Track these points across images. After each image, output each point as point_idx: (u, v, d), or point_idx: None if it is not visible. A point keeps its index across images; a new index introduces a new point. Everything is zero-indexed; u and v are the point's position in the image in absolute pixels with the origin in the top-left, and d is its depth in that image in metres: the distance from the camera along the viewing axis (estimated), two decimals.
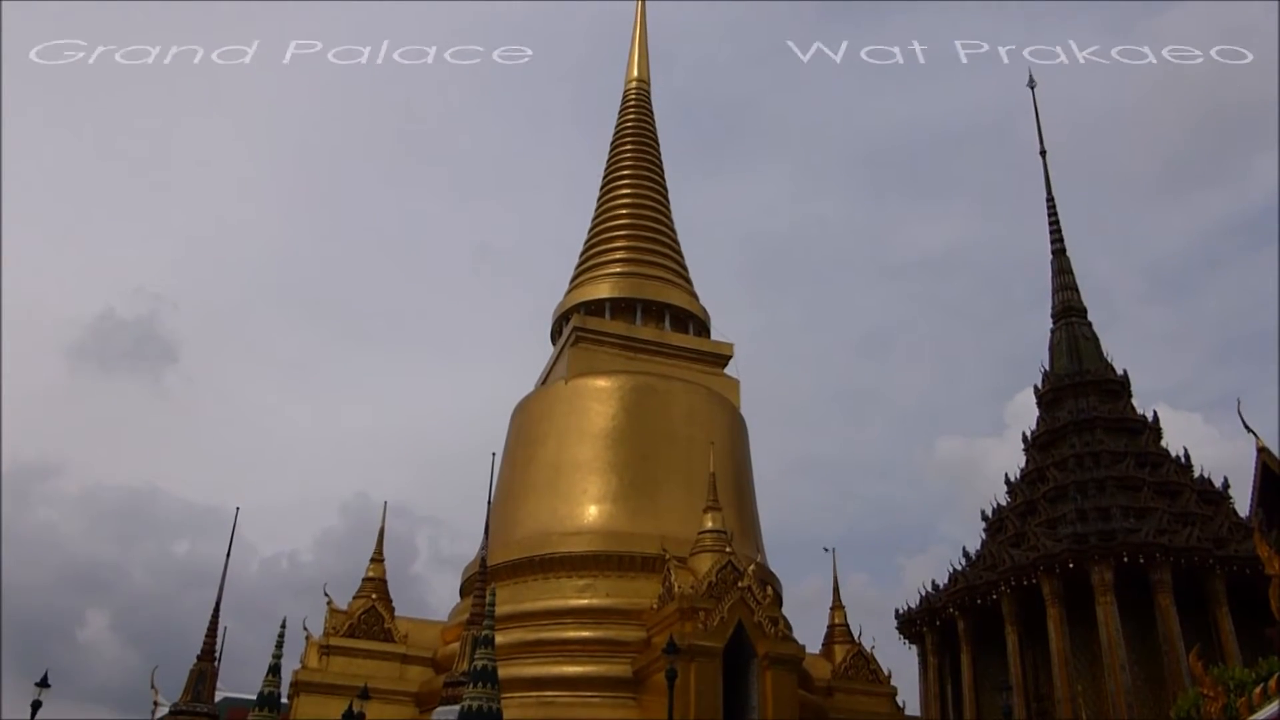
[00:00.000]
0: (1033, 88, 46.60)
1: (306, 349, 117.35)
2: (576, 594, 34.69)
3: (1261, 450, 29.48)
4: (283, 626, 17.28)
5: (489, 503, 31.64)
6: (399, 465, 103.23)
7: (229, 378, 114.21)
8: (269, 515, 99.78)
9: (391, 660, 35.80)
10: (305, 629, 36.51)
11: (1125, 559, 32.16)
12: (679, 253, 47.15)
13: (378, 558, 38.84)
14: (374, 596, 37.31)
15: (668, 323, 44.52)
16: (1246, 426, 20.58)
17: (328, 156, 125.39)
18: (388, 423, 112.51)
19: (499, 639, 22.22)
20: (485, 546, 30.85)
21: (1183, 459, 37.29)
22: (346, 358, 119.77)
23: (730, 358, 44.70)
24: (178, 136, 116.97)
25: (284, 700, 27.06)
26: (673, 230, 47.62)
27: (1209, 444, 78.45)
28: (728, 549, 32.82)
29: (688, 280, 46.58)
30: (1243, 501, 35.79)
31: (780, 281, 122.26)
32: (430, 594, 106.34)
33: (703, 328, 45.63)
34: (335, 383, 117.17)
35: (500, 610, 28.64)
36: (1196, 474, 36.85)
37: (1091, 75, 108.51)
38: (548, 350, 47.28)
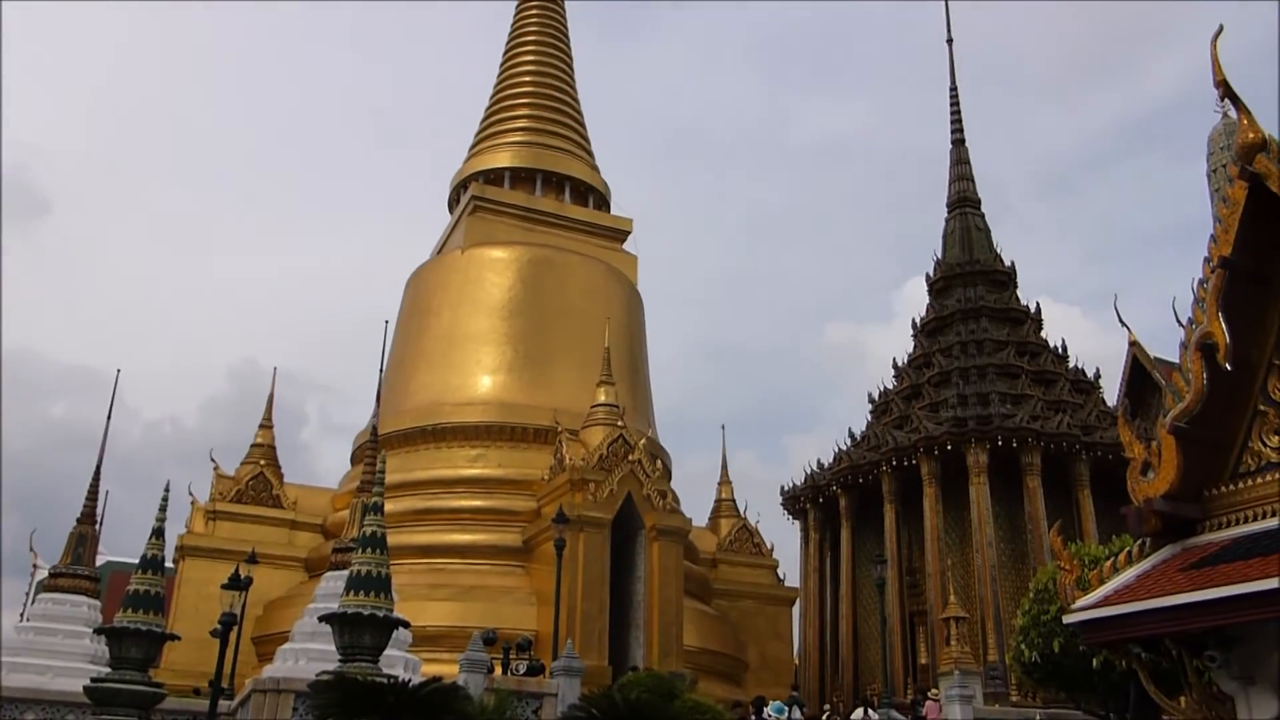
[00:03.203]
0: None
1: (194, 208, 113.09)
2: (468, 463, 34.85)
3: (1133, 344, 30.92)
4: (166, 490, 16.85)
5: (381, 371, 31.25)
6: (290, 331, 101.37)
7: (107, 235, 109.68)
8: (152, 379, 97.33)
9: (280, 526, 35.71)
10: (191, 494, 36.07)
11: (1000, 442, 33.59)
12: (582, 124, 46.21)
13: (266, 424, 38.31)
14: (262, 463, 36.95)
15: (568, 195, 43.90)
16: (1121, 321, 21.33)
17: (220, 6, 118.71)
18: (279, 287, 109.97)
19: (390, 507, 22.23)
20: (377, 415, 30.55)
21: (1060, 350, 38.79)
22: (237, 219, 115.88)
23: (629, 233, 44.47)
24: None
25: (169, 565, 26.75)
26: (576, 100, 46.55)
27: (1086, 337, 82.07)
28: (620, 423, 33.22)
29: (589, 152, 45.80)
30: (1112, 391, 37.66)
31: (680, 162, 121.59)
32: (320, 461, 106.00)
33: (603, 201, 45.14)
34: (224, 244, 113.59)
35: (391, 478, 28.58)
36: (1072, 364, 38.41)
37: None
38: (445, 218, 46.33)
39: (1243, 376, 11.46)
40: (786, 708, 25.28)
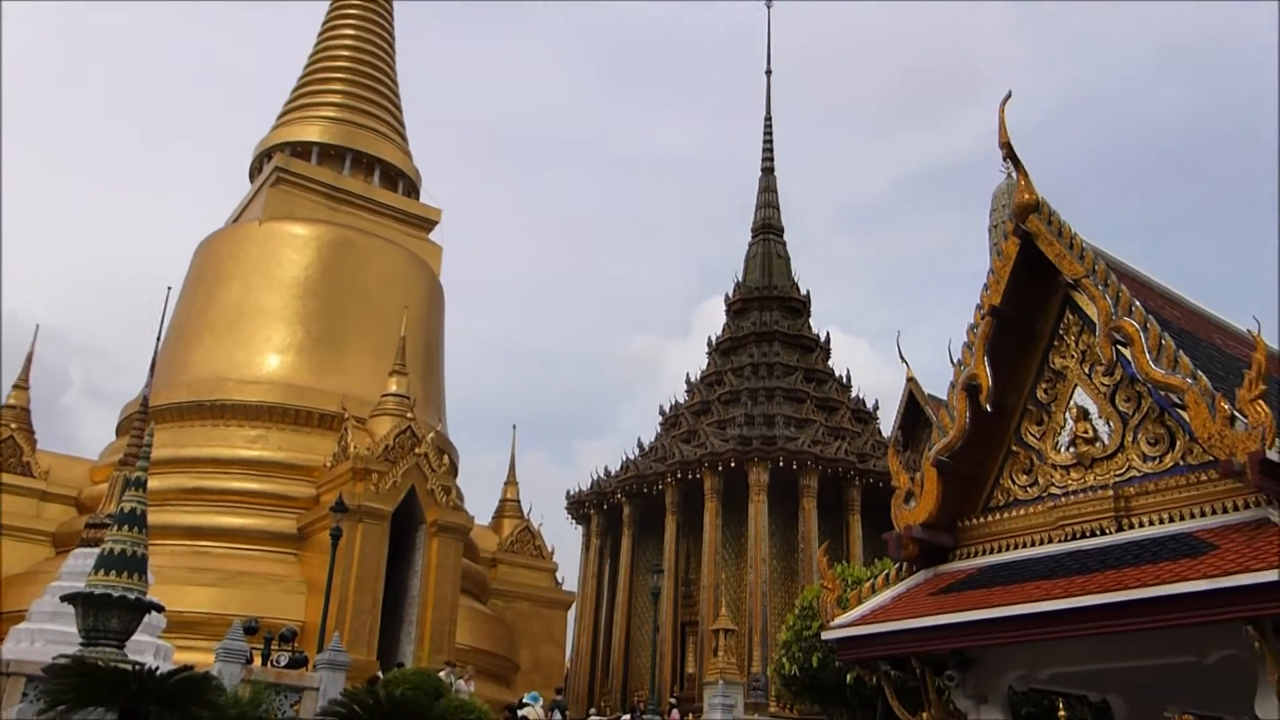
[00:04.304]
0: (769, 6, 47.83)
1: None
2: (246, 444, 33.39)
3: (910, 380, 32.73)
4: None
5: (159, 339, 29.57)
6: (59, 285, 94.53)
7: None
8: None
9: (28, 496, 33.16)
10: None
11: (781, 463, 34.89)
12: (398, 108, 45.05)
13: (22, 384, 35.61)
14: (13, 426, 34.27)
15: (377, 177, 42.77)
16: (901, 357, 22.61)
17: None
18: (51, 238, 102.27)
19: (157, 484, 21.06)
20: (150, 385, 28.84)
21: (845, 379, 40.67)
22: (9, 157, 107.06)
23: (437, 223, 43.72)
24: None
25: None
26: (395, 83, 45.34)
27: (869, 369, 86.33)
28: (409, 414, 32.61)
29: (404, 137, 44.74)
30: (888, 422, 39.75)
31: (502, 159, 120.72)
32: (82, 430, 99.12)
33: (413, 188, 44.21)
34: None
35: (161, 453, 27.09)
36: (854, 394, 40.33)
37: (828, 5, 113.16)
38: (245, 186, 44.30)
39: (1001, 418, 12.32)
40: (540, 697, 25.57)
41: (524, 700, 25.25)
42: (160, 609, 15.09)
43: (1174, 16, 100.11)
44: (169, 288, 31.14)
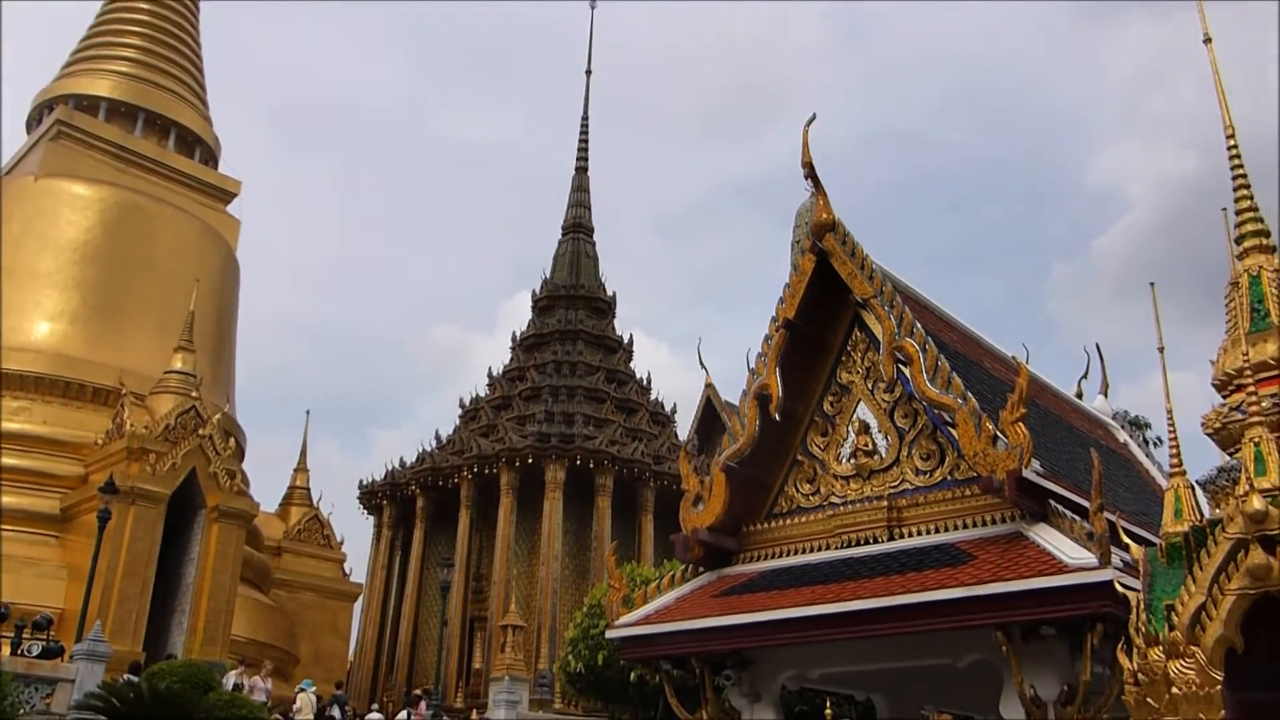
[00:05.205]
0: (593, 6, 48.04)
1: None
2: (7, 416, 30.93)
3: (709, 386, 33.59)
4: None
5: None
6: None
7: None
8: None
9: None
10: None
11: (578, 461, 35.11)
12: (200, 70, 42.66)
13: None
14: None
15: (172, 141, 40.41)
16: (701, 363, 23.16)
17: None
18: None
19: None
20: None
21: (645, 382, 41.29)
22: None
23: (236, 195, 41.73)
24: None
25: None
26: (197, 45, 42.89)
27: (670, 373, 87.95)
28: (194, 393, 31.02)
29: (204, 103, 42.44)
30: (686, 427, 40.71)
31: (315, 138, 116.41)
32: None
33: (211, 156, 42.01)
34: None
35: None
36: (654, 397, 41.01)
37: (653, 13, 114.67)
38: (20, 138, 41.08)
39: (789, 428, 12.79)
40: (313, 684, 25.03)
41: (299, 688, 24.58)
42: None
43: (977, 64, 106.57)
44: None
